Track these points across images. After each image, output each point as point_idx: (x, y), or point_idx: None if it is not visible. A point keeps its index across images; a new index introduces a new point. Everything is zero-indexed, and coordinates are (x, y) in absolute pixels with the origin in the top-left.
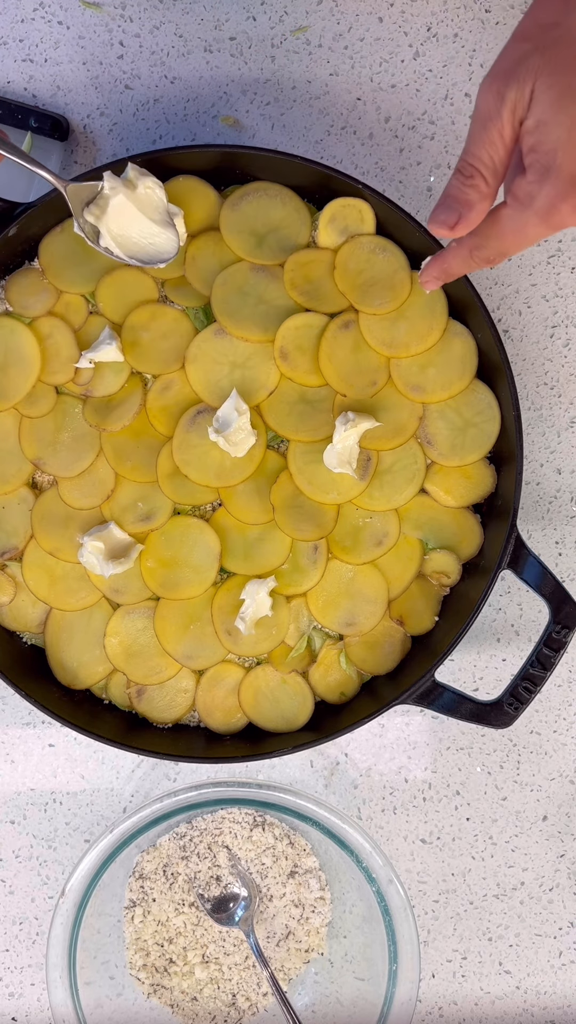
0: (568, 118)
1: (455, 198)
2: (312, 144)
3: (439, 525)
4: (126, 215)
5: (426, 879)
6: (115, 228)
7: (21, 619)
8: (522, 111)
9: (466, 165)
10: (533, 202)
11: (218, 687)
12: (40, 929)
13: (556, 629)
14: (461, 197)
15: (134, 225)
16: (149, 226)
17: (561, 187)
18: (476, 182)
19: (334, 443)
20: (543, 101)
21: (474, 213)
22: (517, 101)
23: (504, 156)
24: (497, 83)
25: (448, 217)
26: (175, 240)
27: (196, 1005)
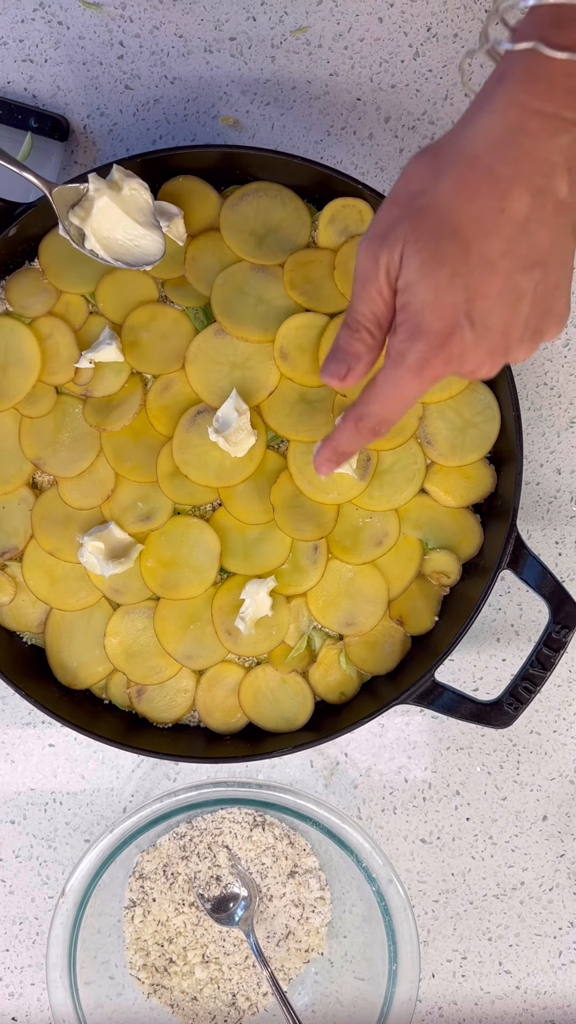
0: (433, 281)
1: (344, 350)
2: (312, 144)
3: (439, 525)
4: (111, 217)
5: (426, 879)
6: (100, 230)
7: (21, 619)
8: (395, 272)
9: (352, 320)
10: (404, 359)
11: (218, 687)
12: (40, 929)
13: (556, 629)
14: (349, 349)
15: (119, 227)
16: (134, 228)
17: (430, 344)
18: (362, 335)
19: None
20: (410, 266)
21: (362, 364)
22: (389, 264)
23: (385, 310)
24: (373, 246)
25: (339, 369)
26: (161, 242)
27: (196, 1005)
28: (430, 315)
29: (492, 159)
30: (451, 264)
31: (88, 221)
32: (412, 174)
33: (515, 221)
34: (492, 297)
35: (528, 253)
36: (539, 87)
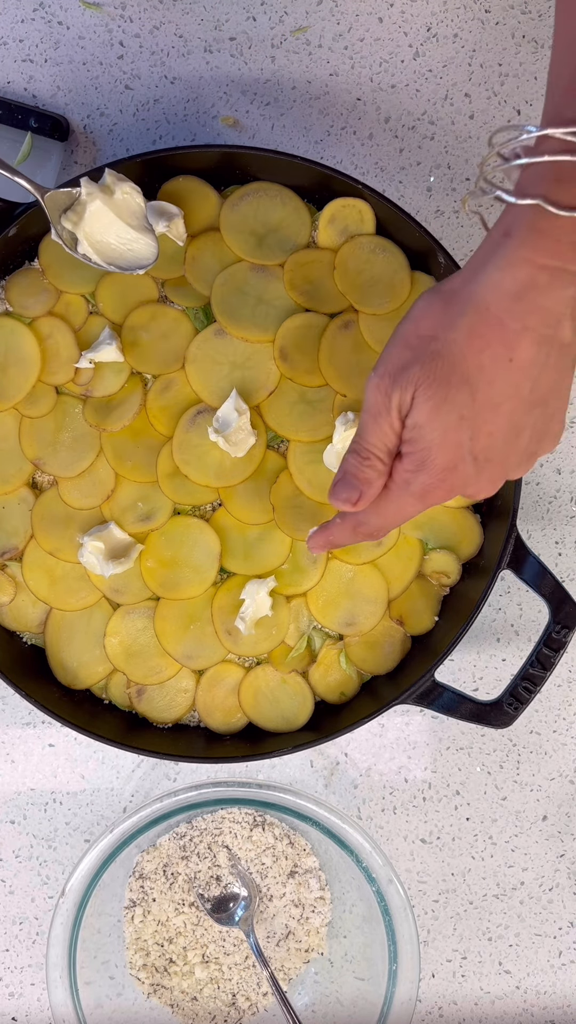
0: (441, 424)
1: (356, 477)
2: (312, 144)
3: (439, 525)
4: (103, 221)
5: (426, 879)
6: (93, 234)
7: (21, 619)
8: (405, 410)
9: (363, 449)
10: (409, 486)
11: (218, 687)
12: (40, 929)
13: (556, 629)
14: (361, 476)
15: (112, 231)
16: (127, 232)
17: (434, 476)
18: (373, 463)
19: (334, 443)
20: (422, 408)
21: (372, 489)
22: (401, 403)
23: (394, 440)
24: (384, 384)
25: (351, 495)
26: (153, 246)
27: (196, 1005)
28: (436, 452)
29: (502, 312)
30: (459, 409)
31: (80, 225)
32: (422, 316)
33: (521, 369)
34: (495, 435)
35: (531, 395)
36: (546, 243)
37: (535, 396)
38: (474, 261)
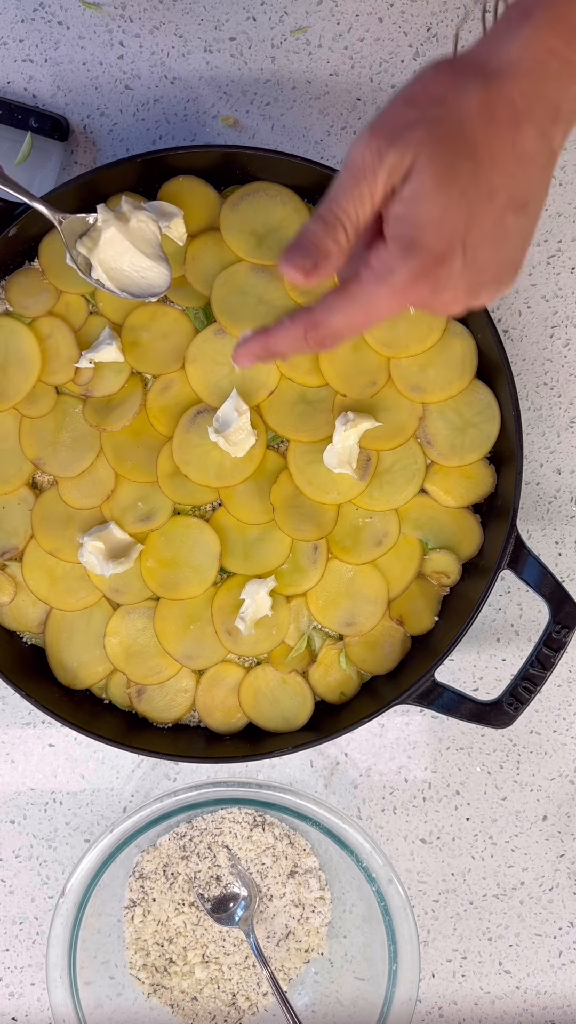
0: (444, 199)
1: (314, 244)
2: (312, 144)
3: (439, 525)
4: (118, 248)
5: (426, 879)
6: (107, 261)
7: (21, 619)
8: (397, 178)
9: (330, 214)
10: (391, 276)
11: (218, 687)
12: (40, 929)
13: (556, 629)
14: (321, 245)
15: (125, 258)
16: (141, 259)
17: (423, 264)
18: (338, 233)
19: (334, 443)
20: (424, 175)
21: (330, 265)
22: (395, 166)
23: (368, 216)
24: (378, 141)
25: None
26: (166, 275)
27: (196, 1005)
28: (432, 233)
29: (513, 89)
30: (462, 184)
31: (95, 251)
32: (431, 79)
33: (521, 159)
34: (487, 230)
35: (521, 193)
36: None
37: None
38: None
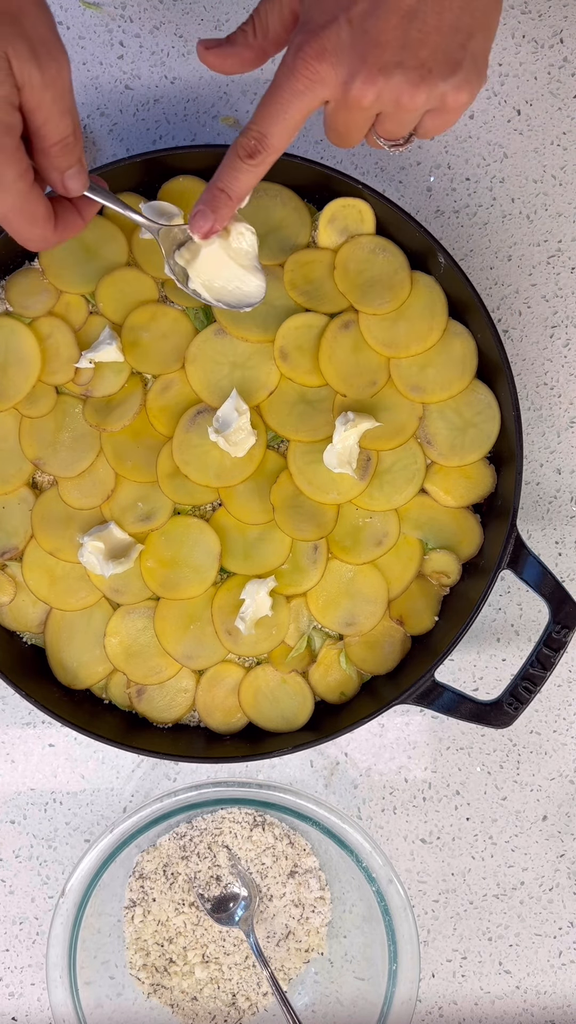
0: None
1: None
2: (312, 144)
3: (439, 525)
4: (217, 259)
5: (426, 879)
6: (204, 272)
7: (21, 619)
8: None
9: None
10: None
11: (218, 687)
12: (40, 929)
13: (556, 629)
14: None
15: (224, 270)
16: (238, 271)
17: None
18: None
19: (334, 443)
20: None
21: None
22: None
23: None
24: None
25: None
26: (262, 286)
27: (196, 1005)
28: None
29: None
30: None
31: (193, 263)
32: None
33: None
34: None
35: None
36: None
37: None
38: None
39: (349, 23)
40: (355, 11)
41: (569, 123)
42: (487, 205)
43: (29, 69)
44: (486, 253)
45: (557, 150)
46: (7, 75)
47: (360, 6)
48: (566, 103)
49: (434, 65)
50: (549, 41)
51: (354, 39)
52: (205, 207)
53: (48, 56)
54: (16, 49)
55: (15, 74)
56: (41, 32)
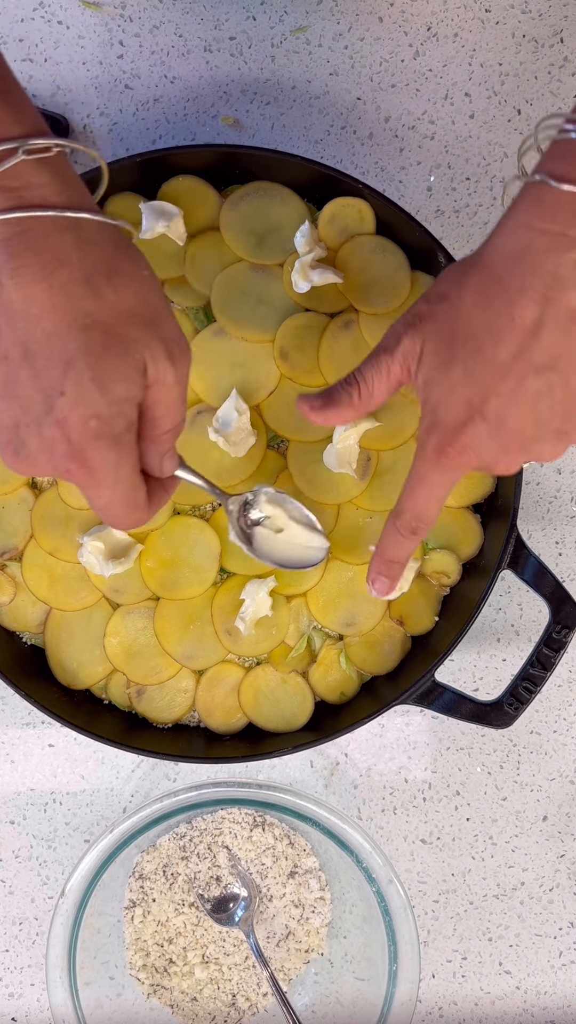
0: (448, 379)
1: (330, 393)
2: (312, 144)
3: (439, 525)
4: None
5: (426, 879)
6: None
7: (21, 619)
8: (412, 362)
9: (351, 376)
10: (424, 449)
11: (218, 687)
12: (40, 929)
13: (556, 629)
14: (335, 395)
15: (285, 532)
16: (297, 532)
17: (445, 433)
18: (352, 390)
19: (334, 443)
20: (429, 363)
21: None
22: (409, 350)
23: (383, 387)
24: (399, 328)
25: (315, 402)
26: (323, 549)
27: (196, 1005)
28: (444, 408)
29: (503, 270)
30: (464, 364)
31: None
32: (442, 279)
33: (524, 328)
34: (505, 396)
35: (540, 358)
36: (545, 211)
37: (544, 359)
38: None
39: (485, 420)
40: (489, 409)
41: None
42: (487, 205)
43: (165, 368)
44: None
45: None
46: (140, 377)
47: (492, 404)
48: (566, 102)
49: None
50: (549, 41)
51: (491, 433)
52: (383, 576)
53: (181, 355)
54: (154, 352)
55: (149, 374)
56: (174, 333)
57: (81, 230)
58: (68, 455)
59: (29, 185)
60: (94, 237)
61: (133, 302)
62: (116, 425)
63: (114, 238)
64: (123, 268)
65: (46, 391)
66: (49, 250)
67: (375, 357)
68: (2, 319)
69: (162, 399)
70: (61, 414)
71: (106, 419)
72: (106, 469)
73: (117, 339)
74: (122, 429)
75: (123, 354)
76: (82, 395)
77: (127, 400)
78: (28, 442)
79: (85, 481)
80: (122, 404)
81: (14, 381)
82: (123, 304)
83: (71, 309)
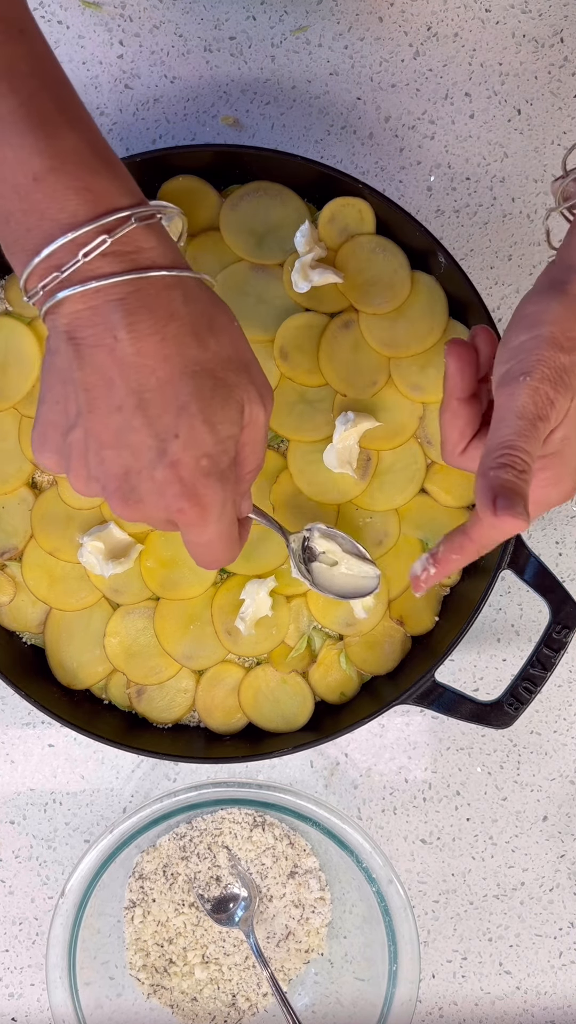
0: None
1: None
2: (312, 144)
3: (439, 525)
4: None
5: (426, 879)
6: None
7: (21, 619)
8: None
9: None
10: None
11: (218, 687)
12: (40, 929)
13: (556, 629)
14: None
15: (341, 565)
16: (351, 563)
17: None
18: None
19: (334, 443)
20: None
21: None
22: (562, 409)
23: None
24: (547, 388)
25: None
26: (376, 574)
27: (196, 1005)
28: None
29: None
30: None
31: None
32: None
33: None
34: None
35: None
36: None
37: None
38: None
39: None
40: None
41: (569, 123)
42: (487, 205)
43: (257, 410)
44: (486, 253)
45: (558, 150)
46: (240, 417)
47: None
48: (566, 103)
49: None
50: (549, 40)
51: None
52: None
53: (269, 398)
54: (249, 395)
55: (244, 415)
56: (263, 379)
57: (186, 288)
58: (181, 494)
59: (140, 249)
60: (195, 294)
61: (230, 350)
62: (223, 462)
63: (209, 294)
64: (220, 320)
65: (160, 435)
66: (161, 307)
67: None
68: (115, 372)
69: (251, 440)
70: (175, 456)
71: (215, 457)
72: (214, 505)
73: (221, 384)
74: (227, 466)
75: (228, 397)
76: (195, 437)
77: (231, 438)
78: (139, 487)
79: (195, 519)
80: (227, 443)
81: (128, 430)
82: (223, 352)
83: (181, 359)
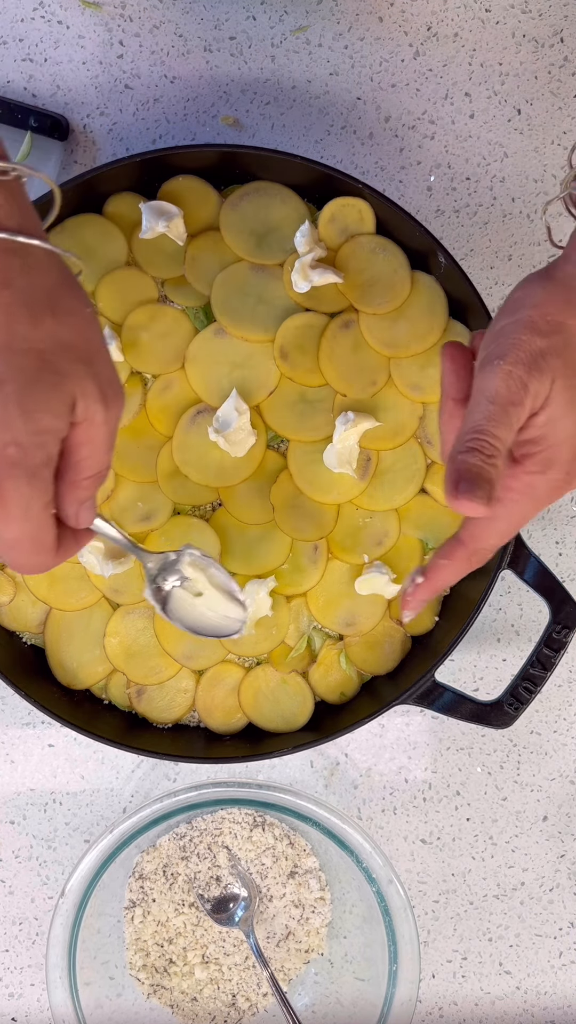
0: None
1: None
2: (312, 144)
3: (439, 525)
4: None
5: (426, 879)
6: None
7: (21, 619)
8: (539, 403)
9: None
10: (534, 491)
11: (218, 687)
12: (40, 929)
13: (556, 629)
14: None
15: (202, 599)
16: (215, 600)
17: (561, 472)
18: (497, 462)
19: (334, 443)
20: (558, 401)
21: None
22: (538, 394)
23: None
24: (519, 373)
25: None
26: (242, 618)
27: (196, 1005)
28: (565, 447)
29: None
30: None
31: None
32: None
33: None
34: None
35: None
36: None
37: None
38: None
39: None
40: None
41: (569, 122)
42: (487, 204)
43: (95, 407)
44: (486, 253)
45: (557, 149)
46: (68, 412)
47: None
48: (566, 102)
49: None
50: (549, 40)
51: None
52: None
53: (114, 398)
54: (86, 389)
55: (77, 412)
56: (110, 375)
57: (29, 256)
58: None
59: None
60: (41, 265)
61: (72, 336)
62: (35, 457)
63: (61, 270)
64: (66, 301)
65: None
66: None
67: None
68: None
69: (88, 440)
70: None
71: (25, 448)
72: (17, 503)
73: (50, 369)
74: (40, 463)
75: (54, 385)
76: (5, 420)
77: (50, 433)
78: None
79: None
80: (44, 436)
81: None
82: (61, 336)
83: (7, 331)
